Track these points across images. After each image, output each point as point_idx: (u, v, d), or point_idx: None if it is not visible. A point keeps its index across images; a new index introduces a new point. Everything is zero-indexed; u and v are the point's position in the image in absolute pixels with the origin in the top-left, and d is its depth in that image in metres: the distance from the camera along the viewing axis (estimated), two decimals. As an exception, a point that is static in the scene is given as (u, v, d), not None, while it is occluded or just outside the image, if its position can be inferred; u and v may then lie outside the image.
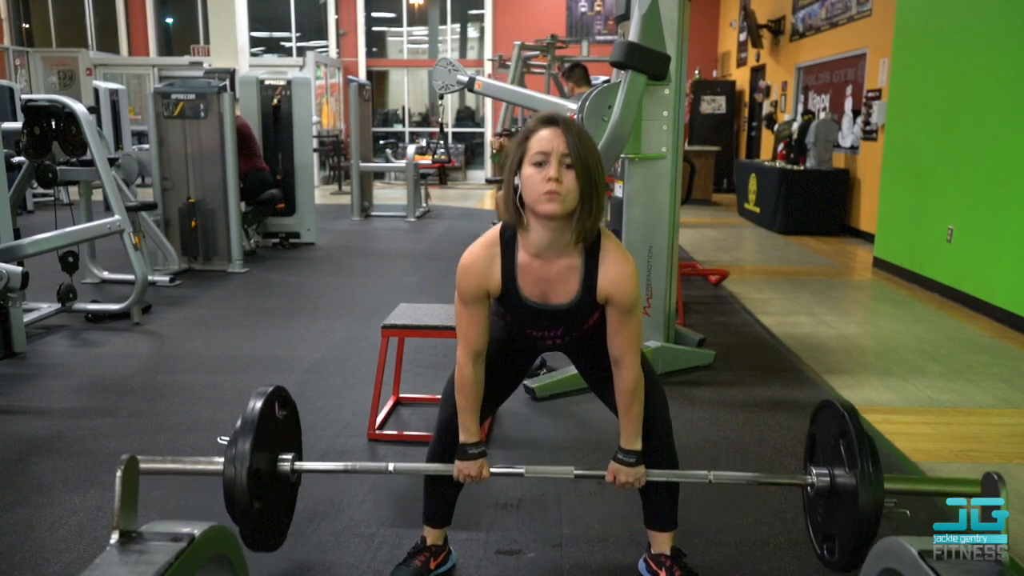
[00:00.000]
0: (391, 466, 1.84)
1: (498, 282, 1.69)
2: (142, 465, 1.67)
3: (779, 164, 8.90)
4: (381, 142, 14.99)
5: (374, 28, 15.77)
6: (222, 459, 1.58)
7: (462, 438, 1.79)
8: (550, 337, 1.83)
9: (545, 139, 1.57)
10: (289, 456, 1.73)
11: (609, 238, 1.70)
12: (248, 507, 1.54)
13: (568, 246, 1.65)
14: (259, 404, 1.66)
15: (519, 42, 7.79)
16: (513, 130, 6.79)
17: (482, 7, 15.10)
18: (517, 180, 1.61)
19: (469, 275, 1.69)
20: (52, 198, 7.37)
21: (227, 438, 1.63)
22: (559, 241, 1.64)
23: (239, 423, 1.61)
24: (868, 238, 7.49)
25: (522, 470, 1.76)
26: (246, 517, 1.55)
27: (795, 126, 8.94)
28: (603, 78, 4.79)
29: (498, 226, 1.72)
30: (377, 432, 2.89)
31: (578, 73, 5.64)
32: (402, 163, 9.44)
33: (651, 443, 1.83)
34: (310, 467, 1.81)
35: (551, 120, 1.60)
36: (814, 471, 1.68)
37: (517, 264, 1.68)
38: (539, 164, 1.56)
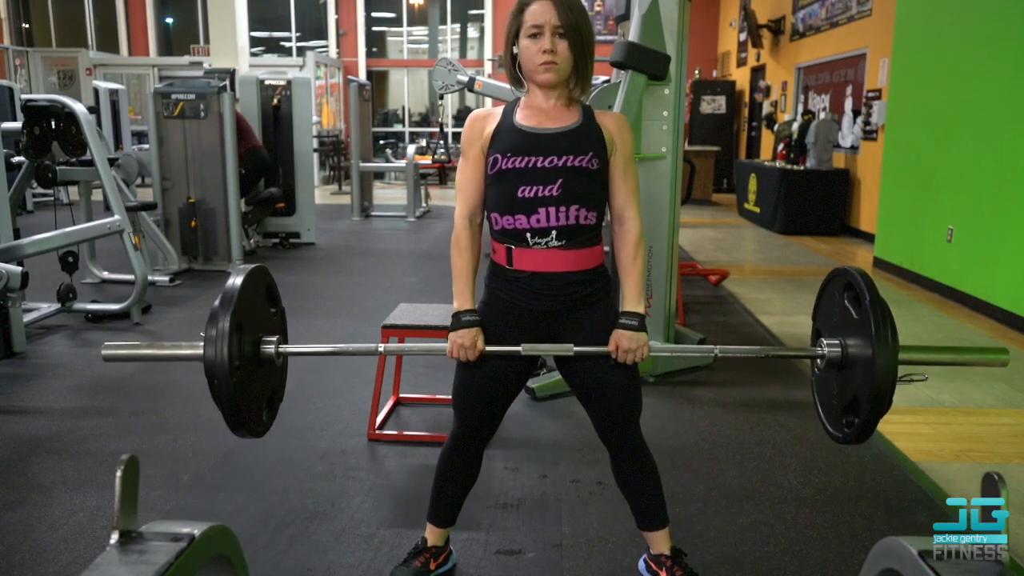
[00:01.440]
0: (381, 347, 1.78)
1: (495, 126, 1.75)
2: (117, 351, 1.62)
3: (779, 164, 8.90)
4: (381, 142, 15.00)
5: (374, 28, 15.79)
6: (202, 343, 1.53)
7: (456, 305, 1.76)
8: (543, 200, 1.68)
9: (538, 12, 1.65)
10: (274, 339, 1.67)
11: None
12: (229, 383, 1.49)
13: (567, 104, 1.76)
14: (239, 280, 1.58)
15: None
16: None
17: (482, 7, 15.11)
18: (516, 49, 1.72)
19: (471, 123, 1.78)
20: (52, 198, 7.38)
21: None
22: (558, 100, 1.75)
23: (218, 300, 1.54)
24: (868, 238, 7.50)
25: (519, 348, 1.72)
26: (228, 396, 1.49)
27: (795, 126, 8.95)
28: (603, 78, 4.79)
29: None
30: (377, 432, 2.89)
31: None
32: (402, 163, 9.44)
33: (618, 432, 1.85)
34: (296, 349, 1.72)
35: None
36: (824, 342, 1.64)
37: (517, 110, 1.77)
38: (534, 36, 1.66)
